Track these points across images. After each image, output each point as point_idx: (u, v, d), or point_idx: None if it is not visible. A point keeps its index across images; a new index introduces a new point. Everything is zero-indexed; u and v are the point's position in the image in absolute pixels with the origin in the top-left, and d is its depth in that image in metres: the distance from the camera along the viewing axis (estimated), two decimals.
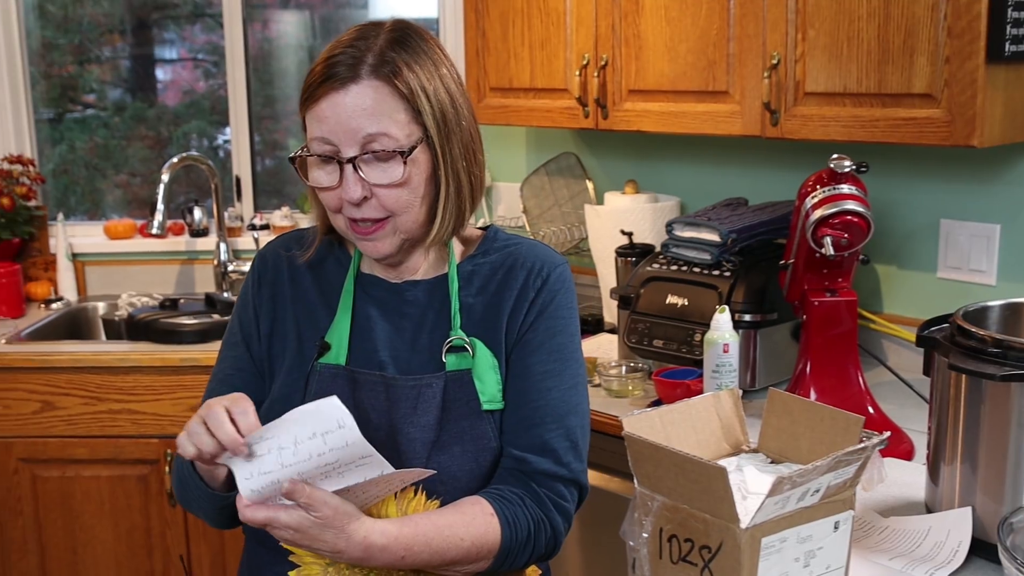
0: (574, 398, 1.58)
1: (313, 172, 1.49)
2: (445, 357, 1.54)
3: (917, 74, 2.17)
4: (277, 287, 1.62)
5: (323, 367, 1.54)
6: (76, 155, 3.99)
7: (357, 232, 1.51)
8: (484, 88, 3.15)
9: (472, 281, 1.60)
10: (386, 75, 1.44)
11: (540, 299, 1.58)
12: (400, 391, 1.52)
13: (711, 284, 2.49)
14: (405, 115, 1.46)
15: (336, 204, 1.49)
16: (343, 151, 1.45)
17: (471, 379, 1.53)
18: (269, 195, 3.98)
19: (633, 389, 2.55)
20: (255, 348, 1.61)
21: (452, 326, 1.56)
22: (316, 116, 1.45)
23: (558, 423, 1.55)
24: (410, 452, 1.50)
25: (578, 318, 1.65)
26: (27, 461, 3.10)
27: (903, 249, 2.66)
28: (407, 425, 1.51)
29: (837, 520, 1.33)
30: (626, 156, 3.29)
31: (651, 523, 1.34)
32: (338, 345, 1.55)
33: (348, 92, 1.43)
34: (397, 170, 1.46)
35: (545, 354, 1.57)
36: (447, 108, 1.50)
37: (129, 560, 3.14)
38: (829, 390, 2.16)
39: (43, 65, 3.89)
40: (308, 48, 3.96)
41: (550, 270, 1.61)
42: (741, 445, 1.53)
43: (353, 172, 1.45)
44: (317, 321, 1.58)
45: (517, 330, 1.57)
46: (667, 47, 2.64)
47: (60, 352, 3.09)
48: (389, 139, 1.45)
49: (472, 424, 1.53)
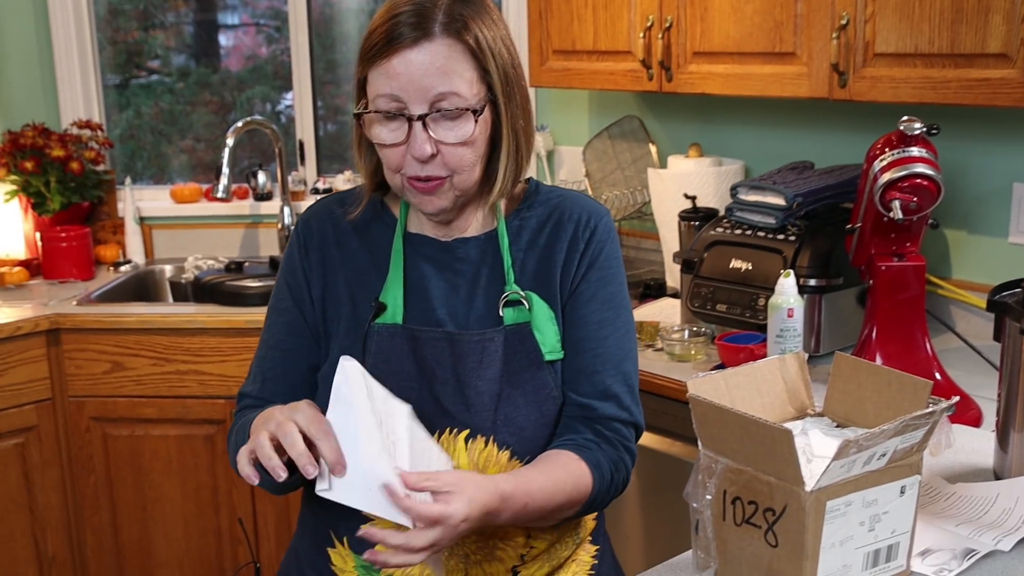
0: (627, 344, 1.62)
1: (375, 129, 1.48)
2: (502, 311, 1.55)
3: (992, 34, 2.13)
4: (325, 252, 1.61)
5: (380, 327, 1.54)
6: (142, 120, 4.04)
7: (416, 188, 1.50)
8: (547, 51, 3.13)
9: (521, 235, 1.60)
10: (456, 32, 1.44)
11: (591, 250, 1.60)
12: (465, 346, 1.53)
13: (776, 248, 2.47)
14: (474, 73, 1.46)
15: (398, 162, 1.48)
16: (411, 108, 1.44)
17: (530, 331, 1.54)
18: (331, 159, 4.01)
19: (696, 353, 2.54)
20: (308, 312, 1.61)
21: (507, 281, 1.56)
22: (385, 72, 1.44)
23: (616, 369, 1.59)
24: (478, 405, 1.52)
25: (623, 265, 1.68)
26: (98, 420, 3.16)
27: (973, 213, 2.62)
28: (474, 379, 1.52)
29: (903, 485, 1.32)
30: (690, 119, 3.26)
31: (715, 485, 1.34)
32: (393, 304, 1.55)
33: (421, 49, 1.42)
34: (467, 128, 1.46)
35: (599, 303, 1.59)
36: (508, 67, 1.50)
37: (196, 518, 3.20)
38: (895, 356, 2.14)
39: (109, 31, 3.94)
40: (369, 12, 3.96)
41: (596, 221, 1.62)
42: (806, 409, 1.52)
43: (422, 130, 1.45)
44: (369, 283, 1.58)
45: (571, 282, 1.59)
46: (733, 8, 2.61)
47: (129, 314, 3.14)
48: (459, 97, 1.44)
49: (533, 375, 1.54)
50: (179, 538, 3.22)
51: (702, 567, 1.40)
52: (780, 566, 1.28)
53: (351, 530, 1.55)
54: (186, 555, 3.23)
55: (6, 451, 3.08)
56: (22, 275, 3.51)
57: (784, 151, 2.99)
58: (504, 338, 1.54)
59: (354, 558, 1.57)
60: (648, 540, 2.59)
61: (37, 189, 3.58)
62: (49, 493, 3.17)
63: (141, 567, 3.25)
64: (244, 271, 3.41)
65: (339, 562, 1.59)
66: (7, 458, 3.08)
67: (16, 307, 3.21)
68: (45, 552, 3.18)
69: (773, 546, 1.28)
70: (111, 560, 3.25)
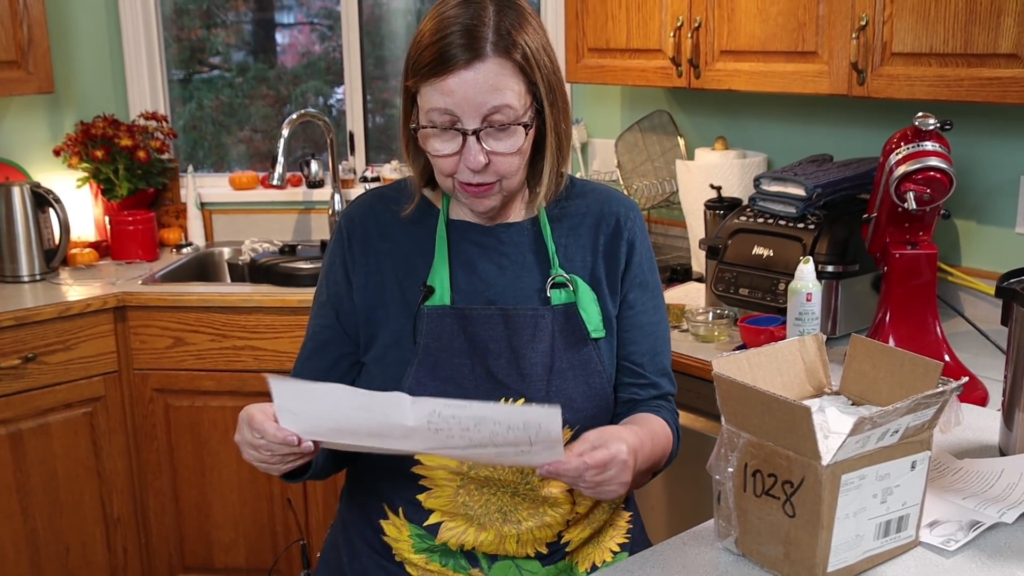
0: (668, 326, 1.71)
1: (431, 142, 1.48)
2: (549, 292, 1.56)
3: (1003, 34, 2.11)
4: (368, 243, 1.61)
5: (430, 309, 1.54)
6: (204, 112, 4.06)
7: (468, 191, 1.51)
8: (583, 48, 3.13)
9: (562, 223, 1.61)
10: (505, 50, 1.43)
11: (636, 241, 1.64)
12: (520, 320, 1.54)
13: (796, 236, 2.46)
14: (522, 86, 1.45)
15: (452, 169, 1.48)
16: (465, 123, 1.44)
17: (576, 311, 1.56)
18: (379, 150, 4.02)
19: (719, 335, 2.54)
20: (346, 305, 1.60)
21: (552, 264, 1.58)
22: (440, 90, 1.42)
23: (667, 350, 1.68)
24: (533, 375, 1.53)
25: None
26: (161, 391, 3.20)
27: (983, 205, 2.59)
28: (529, 351, 1.53)
29: (914, 460, 1.32)
30: (716, 114, 3.25)
31: (737, 458, 1.34)
32: (441, 287, 1.55)
33: (475, 70, 1.41)
34: (517, 139, 1.47)
35: (650, 291, 1.65)
36: (551, 75, 1.50)
37: (250, 484, 3.23)
38: (908, 338, 2.13)
39: (174, 29, 3.96)
40: (416, 12, 3.97)
41: (636, 214, 1.67)
42: (824, 387, 1.52)
43: (476, 143, 1.44)
44: (415, 269, 1.58)
45: (620, 270, 1.62)
46: (758, 9, 2.59)
47: (190, 293, 3.16)
48: (510, 110, 1.44)
49: (580, 351, 1.56)
50: (234, 502, 3.25)
51: (723, 535, 1.40)
52: (797, 535, 1.28)
53: (407, 501, 1.58)
54: (240, 518, 3.27)
55: (76, 420, 3.12)
56: (92, 256, 3.55)
57: (805, 145, 2.97)
58: (553, 316, 1.55)
59: (409, 527, 1.58)
60: (672, 510, 2.59)
61: (107, 176, 3.62)
62: (115, 459, 3.21)
63: (199, 528, 3.29)
64: (297, 254, 3.43)
65: (393, 532, 1.60)
66: (77, 426, 3.12)
67: (86, 285, 3.25)
68: (111, 513, 3.22)
69: (791, 516, 1.28)
70: (171, 521, 3.29)
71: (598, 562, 1.64)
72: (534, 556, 1.58)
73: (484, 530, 1.54)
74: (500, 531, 1.55)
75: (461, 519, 1.55)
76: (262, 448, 1.39)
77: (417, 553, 1.58)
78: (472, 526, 1.55)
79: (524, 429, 1.28)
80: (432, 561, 1.57)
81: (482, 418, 1.28)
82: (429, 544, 1.57)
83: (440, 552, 1.57)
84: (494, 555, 1.57)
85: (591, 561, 1.64)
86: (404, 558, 1.59)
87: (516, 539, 1.55)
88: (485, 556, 1.57)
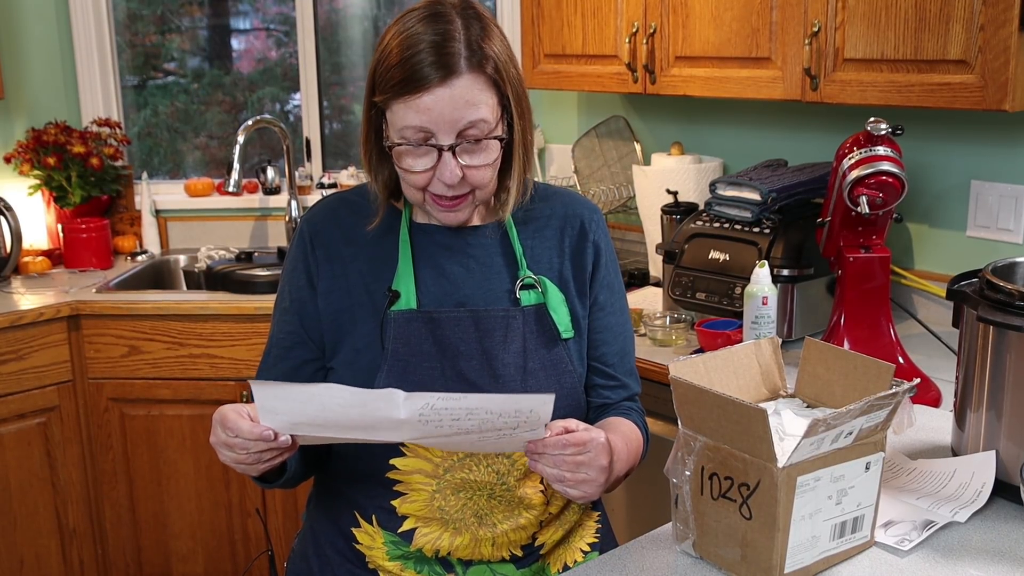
0: (632, 327, 1.73)
1: (405, 159, 1.46)
2: (519, 294, 1.56)
3: (952, 41, 2.14)
4: (332, 248, 1.59)
5: (396, 314, 1.53)
6: (159, 119, 4.03)
7: (439, 205, 1.50)
8: (539, 54, 3.13)
9: (527, 226, 1.62)
10: (479, 64, 1.42)
11: (602, 244, 1.66)
12: (491, 321, 1.54)
13: (751, 240, 2.48)
14: (494, 99, 1.45)
15: (425, 183, 1.48)
16: (440, 138, 1.43)
17: (547, 311, 1.57)
18: (336, 156, 4.00)
19: (676, 339, 2.55)
20: (309, 311, 1.59)
21: (520, 266, 1.58)
22: (414, 108, 1.41)
23: (633, 350, 1.71)
24: (506, 376, 1.53)
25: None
26: (116, 400, 3.16)
27: (935, 208, 2.63)
28: (501, 352, 1.53)
29: (868, 461, 1.33)
30: (672, 119, 3.26)
31: (694, 462, 1.35)
32: (406, 291, 1.54)
33: (451, 86, 1.40)
34: (492, 152, 1.47)
35: (616, 292, 1.67)
36: (517, 84, 1.50)
37: (208, 492, 3.20)
38: (862, 341, 2.15)
39: (128, 35, 3.92)
40: (372, 18, 3.96)
41: (599, 216, 1.68)
42: (779, 390, 1.53)
43: (452, 158, 1.44)
44: (381, 273, 1.57)
45: (587, 271, 1.63)
46: (713, 15, 2.61)
47: (145, 301, 3.13)
48: (485, 123, 1.44)
49: (552, 351, 1.56)
50: (192, 511, 3.22)
51: (681, 539, 1.41)
52: (754, 537, 1.29)
53: (380, 507, 1.57)
54: (198, 527, 3.24)
55: (30, 430, 3.08)
56: (45, 264, 3.51)
57: (760, 149, 2.99)
58: (524, 317, 1.55)
59: (383, 534, 1.57)
60: (631, 513, 2.60)
61: (59, 183, 3.57)
62: (70, 469, 3.17)
63: (156, 538, 3.25)
64: (253, 261, 3.41)
65: (366, 540, 1.58)
66: (31, 436, 3.08)
67: (39, 294, 3.21)
68: (66, 524, 3.18)
69: (747, 519, 1.29)
70: (128, 532, 3.25)
71: (569, 562, 1.64)
72: (509, 559, 1.58)
73: (459, 534, 1.54)
74: (475, 535, 1.54)
75: (436, 524, 1.55)
76: (237, 447, 1.36)
77: (391, 560, 1.57)
78: (447, 531, 1.54)
79: (515, 415, 1.30)
80: (407, 568, 1.57)
81: (475, 408, 1.29)
82: (404, 551, 1.56)
83: (415, 559, 1.56)
84: (469, 560, 1.56)
85: (563, 562, 1.64)
86: (378, 565, 1.58)
87: (491, 542, 1.55)
88: (460, 561, 1.56)
